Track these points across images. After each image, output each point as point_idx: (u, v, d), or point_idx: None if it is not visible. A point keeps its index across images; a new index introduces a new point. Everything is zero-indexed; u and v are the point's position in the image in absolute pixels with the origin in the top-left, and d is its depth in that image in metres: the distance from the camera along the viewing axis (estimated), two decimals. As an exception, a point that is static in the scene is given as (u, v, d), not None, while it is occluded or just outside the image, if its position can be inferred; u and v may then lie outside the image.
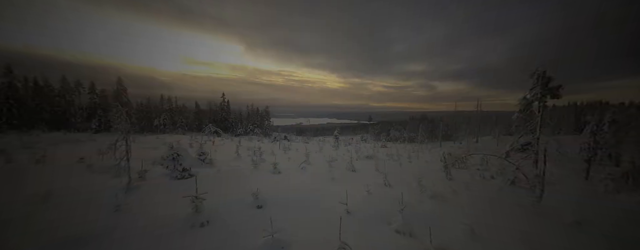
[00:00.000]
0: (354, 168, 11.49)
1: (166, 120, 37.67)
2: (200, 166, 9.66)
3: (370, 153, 18.71)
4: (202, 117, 45.87)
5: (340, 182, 8.79)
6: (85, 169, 8.60)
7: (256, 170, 9.65)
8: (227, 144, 22.37)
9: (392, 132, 51.01)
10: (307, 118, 57.81)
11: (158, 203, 5.52)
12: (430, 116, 63.06)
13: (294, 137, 44.47)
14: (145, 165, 8.12)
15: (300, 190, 7.14)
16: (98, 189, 6.18)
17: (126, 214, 4.77)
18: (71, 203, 5.18)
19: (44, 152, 10.07)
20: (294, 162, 12.80)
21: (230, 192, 6.40)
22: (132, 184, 6.39)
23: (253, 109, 51.72)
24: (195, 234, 4.30)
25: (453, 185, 9.49)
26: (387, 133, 51.59)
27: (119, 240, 3.86)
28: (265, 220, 4.87)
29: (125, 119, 6.67)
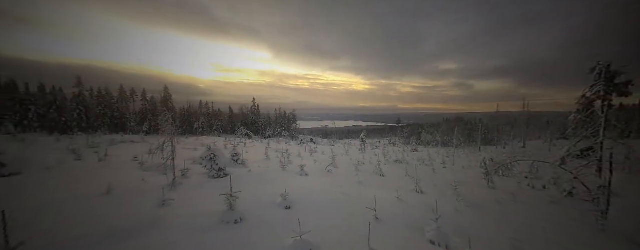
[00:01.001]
0: (382, 172, 11.13)
1: (204, 124, 40.86)
2: (233, 166, 10.26)
3: (399, 157, 17.96)
4: (235, 121, 48.81)
5: (367, 187, 8.58)
6: (138, 166, 9.75)
7: (284, 172, 9.91)
8: (257, 146, 23.41)
9: (423, 136, 48.35)
10: (332, 121, 57.69)
11: (197, 199, 5.98)
12: (467, 118, 58.33)
13: (319, 140, 44.78)
14: (186, 165, 8.89)
15: (327, 193, 7.13)
16: (148, 184, 6.94)
17: (171, 208, 5.26)
18: (126, 197, 5.90)
19: (105, 151, 11.67)
20: (320, 164, 12.87)
21: (261, 192, 6.66)
22: (176, 181, 7.03)
23: (281, 113, 53.48)
24: (229, 229, 4.55)
25: (496, 194, 8.62)
26: (417, 136, 49.04)
27: (165, 232, 4.27)
28: (293, 221, 4.95)
29: (171, 123, 7.41)
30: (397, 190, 7.48)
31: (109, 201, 5.60)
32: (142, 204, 5.38)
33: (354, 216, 5.63)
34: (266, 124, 49.24)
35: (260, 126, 47.88)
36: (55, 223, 4.34)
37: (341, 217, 5.53)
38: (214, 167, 8.40)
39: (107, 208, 5.19)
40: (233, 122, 48.53)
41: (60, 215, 4.73)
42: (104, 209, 5.15)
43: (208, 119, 43.72)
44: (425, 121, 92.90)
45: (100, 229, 4.11)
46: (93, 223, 4.39)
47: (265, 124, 49.29)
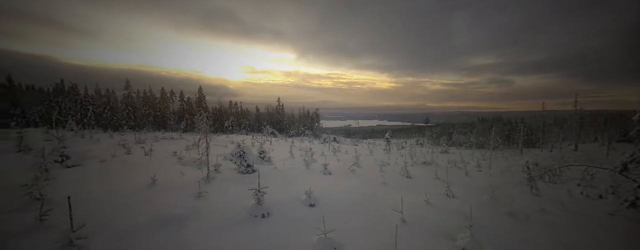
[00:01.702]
0: (409, 174, 10.73)
1: (233, 122, 43.19)
2: (260, 163, 10.71)
3: (427, 159, 17.12)
4: (261, 119, 50.81)
5: (393, 188, 8.35)
6: (177, 161, 10.68)
7: (308, 170, 10.07)
8: (282, 144, 24.09)
9: (455, 136, 45.40)
10: (356, 120, 56.91)
11: (228, 193, 6.38)
12: (506, 117, 53.25)
13: (342, 139, 44.55)
14: (218, 160, 9.51)
15: (351, 193, 7.10)
16: (186, 177, 7.58)
17: (206, 200, 5.70)
18: (168, 188, 6.52)
19: (150, 146, 12.98)
20: (343, 164, 12.83)
21: (286, 189, 6.86)
22: (210, 175, 7.57)
23: (304, 112, 54.31)
24: (257, 223, 4.78)
25: (541, 202, 7.81)
26: (448, 137, 46.18)
27: (201, 222, 4.64)
28: (317, 219, 5.03)
29: (205, 122, 7.99)
30: (425, 193, 7.17)
31: (153, 191, 6.24)
32: (181, 195, 5.90)
33: (378, 217, 5.54)
34: (290, 123, 50.45)
35: (285, 125, 49.19)
36: (110, 208, 4.96)
37: (365, 218, 5.48)
38: (243, 163, 8.86)
39: (153, 197, 5.80)
40: (259, 120, 50.61)
41: (114, 201, 5.40)
42: (150, 198, 5.76)
43: (237, 117, 46.17)
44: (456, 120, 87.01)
45: (147, 216, 4.61)
46: (141, 210, 4.95)
47: (289, 122, 50.54)
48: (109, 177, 7.53)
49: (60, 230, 3.34)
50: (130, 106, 35.44)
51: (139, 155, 11.69)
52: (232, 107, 49.94)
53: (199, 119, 8.57)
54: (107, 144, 14.33)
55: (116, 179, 7.32)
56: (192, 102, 43.03)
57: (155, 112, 39.47)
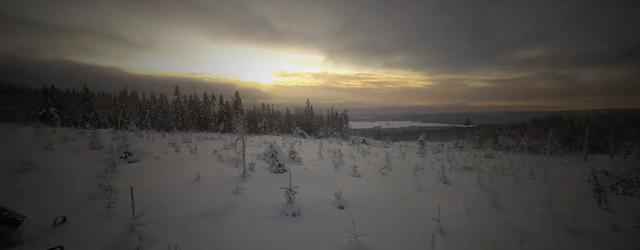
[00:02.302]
0: (447, 180, 10.00)
1: (266, 124, 45.32)
2: (290, 163, 11.05)
3: (468, 163, 15.72)
4: (291, 121, 52.34)
5: (429, 194, 7.87)
6: (217, 159, 11.62)
7: (337, 172, 10.07)
8: (311, 145, 24.46)
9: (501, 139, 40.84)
10: (386, 121, 54.82)
11: (262, 190, 6.73)
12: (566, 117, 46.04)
13: (372, 141, 43.39)
14: (253, 160, 10.09)
15: (382, 197, 6.90)
16: (225, 174, 8.21)
17: (242, 196, 6.10)
18: (210, 183, 7.14)
19: (195, 145, 14.36)
20: (373, 166, 12.51)
21: (315, 190, 6.96)
22: (245, 173, 8.08)
23: (332, 113, 54.39)
24: (289, 221, 4.95)
25: (611, 218, 6.62)
26: (493, 139, 41.73)
27: (239, 216, 4.99)
28: (347, 221, 5.01)
29: (242, 123, 8.57)
30: (466, 201, 6.62)
31: (198, 186, 6.91)
32: (221, 190, 6.42)
33: (412, 224, 5.28)
34: (319, 124, 51.01)
35: (314, 126, 49.91)
36: (164, 199, 5.63)
37: (398, 224, 5.27)
38: (275, 163, 9.25)
39: (197, 191, 6.42)
40: (289, 122, 52.20)
41: (167, 193, 6.10)
42: (195, 191, 6.39)
43: (269, 119, 48.36)
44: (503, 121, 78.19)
45: (194, 207, 5.13)
46: (189, 202, 5.52)
47: (317, 124, 51.13)
48: (162, 171, 8.56)
49: (124, 217, 3.91)
50: (179, 110, 39.78)
51: (185, 153, 13.02)
52: (265, 109, 52.59)
53: (236, 120, 9.22)
54: (160, 143, 16.27)
55: (168, 173, 8.27)
56: (230, 105, 46.43)
57: (198, 114, 43.54)
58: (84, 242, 3.73)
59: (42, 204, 4.91)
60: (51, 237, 3.88)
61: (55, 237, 3.87)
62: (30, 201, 4.89)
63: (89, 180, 6.16)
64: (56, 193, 5.72)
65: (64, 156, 9.46)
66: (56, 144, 11.53)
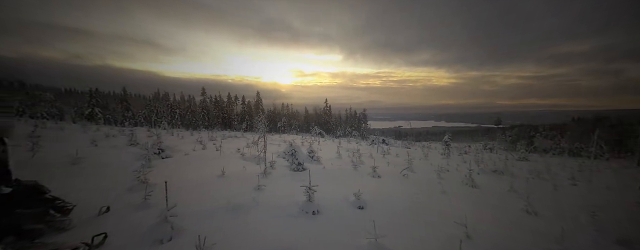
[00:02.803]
0: (474, 183, 9.42)
1: (285, 123, 46.22)
2: (309, 162, 11.14)
3: (499, 166, 14.68)
4: (309, 120, 52.77)
5: (454, 198, 7.49)
6: (240, 156, 12.09)
7: (356, 172, 9.95)
8: (329, 145, 24.45)
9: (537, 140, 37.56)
10: (408, 121, 52.68)
11: (282, 188, 6.88)
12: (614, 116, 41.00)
13: (392, 141, 42.22)
14: (273, 158, 10.35)
15: (403, 199, 6.69)
16: (247, 171, 8.52)
17: (263, 193, 6.29)
18: (234, 179, 7.46)
19: (220, 143, 15.09)
20: (394, 167, 12.18)
21: (334, 189, 6.95)
22: (266, 170, 8.32)
23: (351, 113, 53.84)
24: (308, 219, 5.01)
25: (673, 231, 5.78)
26: (528, 141, 38.48)
27: (261, 212, 5.16)
28: (366, 222, 4.93)
29: (263, 122, 8.83)
30: (496, 206, 6.20)
31: (223, 181, 7.26)
32: (244, 186, 6.68)
33: (436, 228, 5.07)
34: (337, 124, 50.82)
35: (332, 126, 49.84)
36: (193, 193, 5.99)
37: (420, 227, 5.09)
38: (294, 161, 9.40)
39: (222, 186, 6.75)
40: (308, 121, 52.69)
41: (195, 188, 6.49)
42: (220, 186, 6.73)
43: (288, 118, 49.26)
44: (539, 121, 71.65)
45: (220, 202, 5.40)
46: (215, 196, 5.82)
47: (336, 123, 50.98)
48: (191, 167, 9.12)
49: (158, 208, 4.23)
50: (205, 109, 42.06)
51: (211, 150, 13.73)
52: (284, 108, 53.62)
53: (258, 120, 9.53)
54: (189, 141, 17.33)
55: (196, 169, 8.79)
56: (251, 105, 48.07)
57: (223, 114, 45.66)
58: (124, 230, 4.10)
59: (89, 195, 5.47)
60: (97, 224, 4.32)
61: (101, 224, 4.30)
62: (78, 191, 5.47)
63: (127, 173, 6.76)
64: (100, 185, 6.36)
65: (106, 151, 10.46)
66: (100, 140, 12.81)
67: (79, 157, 8.13)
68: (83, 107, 35.03)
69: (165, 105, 42.10)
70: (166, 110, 41.10)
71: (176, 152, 11.70)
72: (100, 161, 8.63)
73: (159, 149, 10.69)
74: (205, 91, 43.05)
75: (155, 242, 3.79)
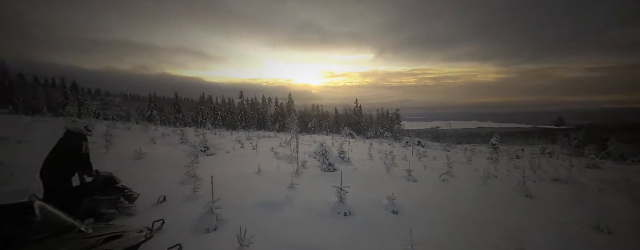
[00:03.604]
0: (529, 192, 8.34)
1: (315, 123, 46.93)
2: (340, 163, 11.13)
3: (562, 174, 12.70)
4: (339, 121, 52.60)
5: (503, 208, 6.74)
6: (274, 155, 12.68)
7: (389, 174, 9.62)
8: (360, 146, 24.04)
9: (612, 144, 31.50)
10: (447, 121, 48.40)
11: (314, 187, 7.02)
12: None
13: (429, 143, 39.56)
14: (304, 157, 10.61)
15: (442, 206, 6.26)
16: (281, 170, 8.90)
17: (296, 191, 6.51)
18: (269, 177, 7.87)
19: (256, 142, 16.03)
20: (431, 171, 11.43)
21: (366, 191, 6.84)
22: (299, 170, 8.58)
23: (383, 113, 52.07)
24: (340, 220, 5.02)
25: None
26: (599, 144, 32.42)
27: (294, 209, 5.35)
28: (401, 227, 4.76)
29: (296, 123, 9.12)
30: (556, 220, 5.41)
31: (260, 178, 7.71)
32: (278, 184, 7.00)
33: (481, 240, 4.63)
34: (368, 124, 49.67)
35: (362, 126, 48.89)
36: (233, 188, 6.49)
37: (462, 237, 4.70)
38: (325, 161, 9.50)
39: (260, 183, 7.18)
40: (338, 122, 52.58)
41: (235, 183, 7.02)
42: (257, 183, 7.16)
43: (318, 119, 49.89)
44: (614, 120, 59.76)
45: (257, 197, 5.76)
46: (253, 192, 6.23)
47: (367, 124, 49.86)
48: (231, 164, 9.90)
49: (205, 200, 4.69)
50: (243, 111, 45.14)
51: (248, 149, 14.67)
52: (314, 109, 54.46)
53: (290, 120, 9.89)
54: (229, 140, 18.78)
55: (236, 166, 9.51)
56: (284, 106, 49.97)
57: (258, 115, 48.38)
58: (178, 218, 4.64)
59: (149, 186, 6.31)
60: (156, 211, 4.98)
61: (159, 211, 4.95)
62: (141, 183, 6.35)
63: (179, 168, 7.64)
64: (158, 177, 7.29)
65: (163, 148, 11.95)
66: (157, 139, 14.67)
67: (141, 153, 9.45)
68: (144, 110, 40.59)
69: (209, 108, 46.33)
70: (210, 112, 45.19)
71: (219, 150, 12.78)
72: (158, 157, 9.89)
73: (205, 146, 11.82)
74: (242, 94, 46.28)
75: (203, 230, 4.22)
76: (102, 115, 33.24)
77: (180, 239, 3.75)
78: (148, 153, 9.80)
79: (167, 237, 3.89)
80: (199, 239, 4.00)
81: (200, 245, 3.80)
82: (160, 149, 11.63)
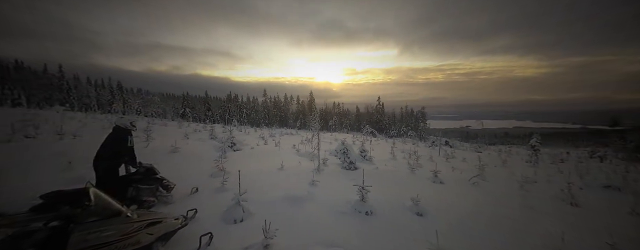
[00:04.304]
0: (575, 200, 7.50)
1: (336, 121, 46.80)
2: (361, 161, 10.99)
3: (615, 181, 11.22)
4: (361, 119, 51.82)
5: (543, 216, 6.16)
6: (295, 152, 12.93)
7: (413, 175, 9.27)
8: (382, 145, 23.45)
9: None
10: (479, 120, 45.04)
11: (334, 185, 7.04)
12: None
13: (458, 144, 37.26)
14: (325, 155, 10.66)
15: (472, 211, 5.90)
16: (302, 167, 9.07)
17: (317, 188, 6.59)
18: (291, 173, 8.06)
19: (278, 140, 16.49)
20: (460, 173, 10.80)
21: (388, 191, 6.66)
22: (320, 167, 8.66)
23: (407, 111, 50.16)
24: (362, 219, 4.99)
25: None
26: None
27: (316, 205, 5.44)
28: (425, 230, 4.59)
29: (317, 121, 9.20)
30: (609, 232, 4.81)
31: (282, 174, 7.94)
32: (300, 180, 7.15)
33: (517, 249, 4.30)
34: (391, 123, 48.23)
35: (385, 125, 47.59)
36: (257, 182, 6.77)
37: (494, 245, 4.40)
38: (346, 159, 9.45)
39: (282, 178, 7.40)
40: (359, 120, 51.83)
41: (260, 178, 7.31)
42: (280, 179, 7.39)
43: (339, 117, 49.68)
44: (688, 123, 50.84)
45: (280, 192, 5.96)
46: (276, 187, 6.45)
47: (389, 122, 48.45)
48: (255, 159, 10.32)
49: (233, 193, 4.97)
50: (266, 109, 46.62)
51: (271, 145, 15.14)
52: (335, 107, 54.27)
53: (312, 118, 9.99)
54: (253, 136, 19.54)
55: (259, 161, 9.90)
56: (305, 104, 50.54)
57: (280, 113, 49.59)
58: (209, 208, 4.98)
59: (183, 178, 6.83)
60: (189, 201, 5.39)
61: (192, 201, 5.35)
62: (176, 174, 6.89)
63: (209, 162, 8.16)
64: (191, 170, 7.86)
65: (194, 143, 12.83)
66: (190, 134, 15.77)
67: (176, 147, 10.23)
68: (178, 107, 43.83)
69: (235, 106, 48.57)
70: (236, 109, 47.37)
71: (244, 146, 13.38)
72: (190, 151, 10.64)
73: (232, 142, 12.44)
74: (266, 93, 47.75)
75: (231, 221, 4.49)
76: (142, 112, 36.63)
77: (211, 227, 4.03)
78: (182, 147, 10.58)
79: (200, 226, 4.21)
80: (228, 229, 4.26)
81: (228, 234, 4.05)
82: (193, 144, 12.49)
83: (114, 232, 2.85)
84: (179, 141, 11.49)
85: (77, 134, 11.11)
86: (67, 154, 7.65)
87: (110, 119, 19.55)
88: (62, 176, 6.11)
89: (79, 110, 32.31)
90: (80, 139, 10.51)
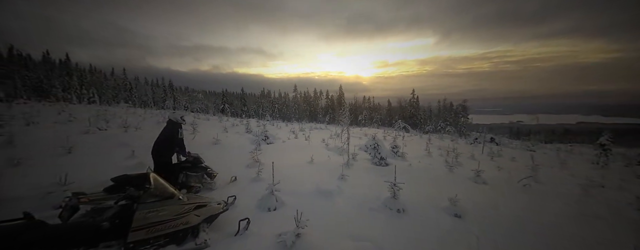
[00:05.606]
0: (656, 210, 6.23)
1: (366, 116, 45.79)
2: (393, 157, 10.64)
3: None
4: (393, 114, 49.73)
5: (612, 226, 5.28)
6: (325, 146, 13.09)
7: (451, 174, 8.66)
8: (416, 141, 22.28)
9: None
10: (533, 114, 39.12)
11: (364, 180, 6.99)
12: None
13: (506, 141, 33.47)
14: (355, 150, 10.57)
15: (522, 216, 5.31)
16: (331, 161, 9.16)
17: (346, 183, 6.63)
18: (320, 167, 8.22)
19: (308, 134, 16.84)
20: (508, 174, 9.75)
21: (422, 190, 6.37)
22: (349, 162, 8.65)
23: (445, 104, 46.47)
24: (393, 216, 4.89)
25: None
26: None
27: (345, 199, 5.49)
28: (464, 233, 4.32)
29: (347, 116, 9.14)
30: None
31: (312, 168, 8.16)
32: (329, 174, 7.26)
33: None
34: (426, 118, 45.32)
35: (419, 120, 44.90)
36: (289, 174, 7.07)
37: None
38: (377, 155, 9.24)
39: (312, 172, 7.61)
40: (391, 115, 49.81)
41: (292, 170, 7.62)
42: (310, 172, 7.61)
43: (369, 112, 48.47)
44: None
45: (310, 185, 6.15)
46: (307, 180, 6.67)
47: (425, 117, 45.56)
48: (286, 152, 10.76)
49: (267, 183, 5.29)
50: (296, 104, 47.82)
51: (301, 139, 15.56)
52: (365, 101, 53.00)
53: (341, 112, 9.95)
54: (284, 130, 20.29)
55: (290, 154, 10.28)
56: (334, 99, 50.39)
57: (310, 107, 50.38)
58: (246, 196, 5.38)
59: (224, 167, 7.47)
60: (229, 189, 5.90)
61: (232, 189, 5.85)
62: (218, 164, 7.56)
63: (246, 154, 8.76)
64: (230, 161, 8.54)
65: (233, 136, 13.86)
66: (229, 128, 17.05)
67: (217, 139, 11.19)
68: (218, 103, 47.53)
69: (268, 101, 50.82)
70: (268, 105, 49.56)
71: (276, 139, 14.00)
72: (229, 143, 11.53)
73: (265, 136, 13.13)
74: (296, 88, 48.89)
75: (266, 209, 4.81)
76: (189, 108, 40.69)
77: (248, 213, 4.37)
78: (222, 139, 11.52)
79: (238, 211, 4.60)
80: (263, 216, 4.57)
81: (263, 221, 4.36)
82: (231, 137, 13.50)
83: (169, 212, 3.29)
84: (219, 134, 12.52)
85: (138, 126, 12.87)
86: (130, 144, 8.95)
87: (164, 114, 22.15)
88: (127, 163, 7.19)
89: (139, 107, 37.32)
90: (140, 131, 12.16)
